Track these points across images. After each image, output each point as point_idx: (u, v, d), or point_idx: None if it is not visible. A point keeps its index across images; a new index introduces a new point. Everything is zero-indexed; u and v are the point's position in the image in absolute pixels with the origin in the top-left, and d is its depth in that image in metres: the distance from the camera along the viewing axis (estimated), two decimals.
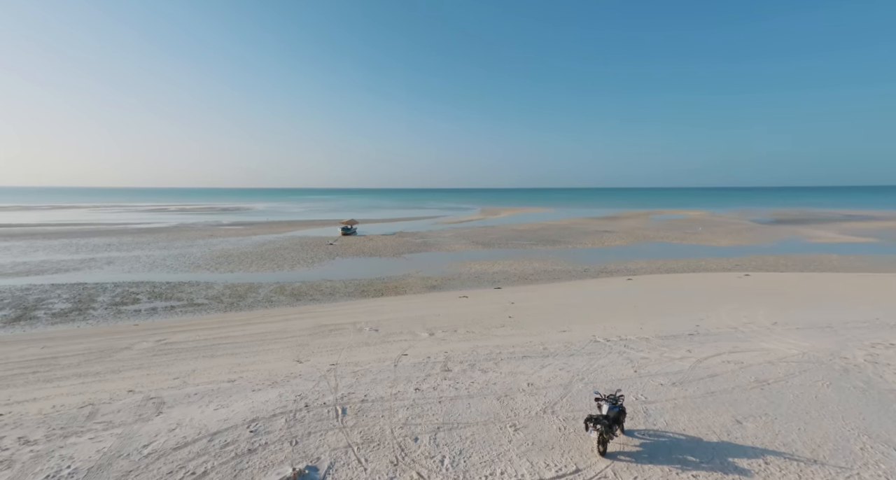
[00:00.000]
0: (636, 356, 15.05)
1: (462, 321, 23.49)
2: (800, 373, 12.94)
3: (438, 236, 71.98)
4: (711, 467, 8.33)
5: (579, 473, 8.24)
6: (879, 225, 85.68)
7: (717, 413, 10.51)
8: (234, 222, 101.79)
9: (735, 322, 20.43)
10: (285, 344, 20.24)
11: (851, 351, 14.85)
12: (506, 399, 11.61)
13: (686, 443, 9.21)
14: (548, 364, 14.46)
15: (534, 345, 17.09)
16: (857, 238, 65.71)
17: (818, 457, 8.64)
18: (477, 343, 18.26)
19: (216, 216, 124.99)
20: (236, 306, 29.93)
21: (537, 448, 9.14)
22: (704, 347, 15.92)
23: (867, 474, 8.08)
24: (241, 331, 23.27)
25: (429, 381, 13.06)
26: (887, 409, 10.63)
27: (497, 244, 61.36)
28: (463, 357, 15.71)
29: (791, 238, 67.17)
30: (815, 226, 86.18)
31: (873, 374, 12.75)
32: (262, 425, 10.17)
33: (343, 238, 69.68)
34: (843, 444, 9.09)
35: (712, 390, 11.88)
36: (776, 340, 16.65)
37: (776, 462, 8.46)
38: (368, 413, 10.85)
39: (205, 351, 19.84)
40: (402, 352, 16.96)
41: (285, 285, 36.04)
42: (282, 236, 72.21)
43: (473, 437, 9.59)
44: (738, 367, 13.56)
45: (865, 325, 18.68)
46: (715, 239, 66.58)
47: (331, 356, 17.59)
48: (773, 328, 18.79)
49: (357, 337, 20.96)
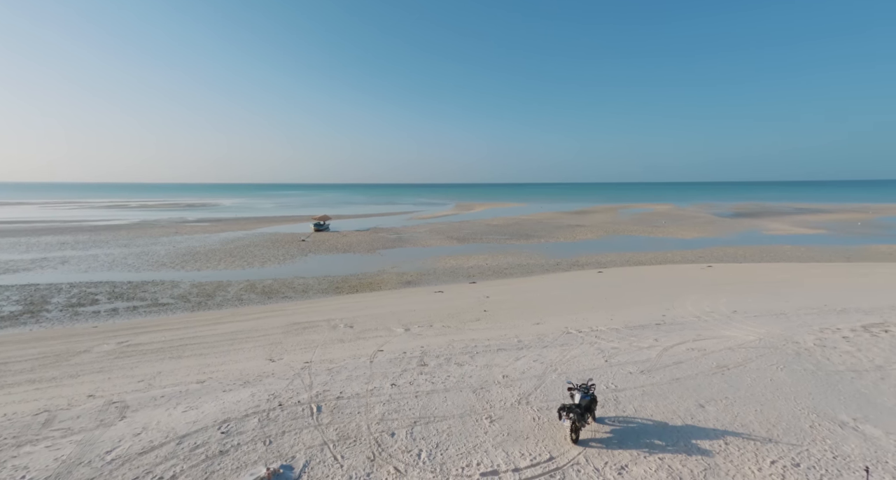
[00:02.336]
0: (607, 346, 15.54)
1: (438, 316, 23.56)
2: (757, 358, 13.70)
3: (413, 231, 71.72)
4: (676, 449, 8.73)
5: (553, 461, 8.47)
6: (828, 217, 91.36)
7: (681, 399, 11.01)
8: (200, 219, 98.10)
9: (698, 311, 21.37)
10: (257, 343, 19.77)
11: (802, 336, 15.83)
12: (481, 391, 11.76)
13: (653, 428, 9.62)
14: (522, 356, 14.73)
15: (508, 338, 17.35)
16: (809, 230, 69.86)
17: (773, 436, 9.20)
18: (453, 337, 18.38)
19: (181, 212, 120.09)
20: (204, 305, 28.94)
21: (512, 438, 9.33)
22: (670, 336, 16.60)
23: (815, 449, 8.67)
24: (211, 331, 22.55)
25: (405, 376, 13.07)
26: (833, 389, 11.42)
27: (472, 239, 61.73)
28: (439, 351, 15.78)
29: (749, 230, 70.70)
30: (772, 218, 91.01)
31: (821, 357, 13.65)
32: (234, 425, 9.92)
33: (316, 234, 68.38)
34: (794, 423, 9.71)
35: (677, 376, 12.42)
36: (736, 328, 17.54)
37: (735, 442, 8.95)
38: (344, 409, 10.77)
39: (171, 352, 19.12)
40: (377, 348, 16.87)
41: (256, 283, 35.11)
42: (251, 233, 70.19)
43: (450, 430, 9.69)
44: (701, 354, 14.23)
45: (815, 312, 19.93)
46: (680, 232, 69.28)
47: (305, 354, 17.31)
48: (733, 316, 19.77)
49: (332, 334, 20.70)
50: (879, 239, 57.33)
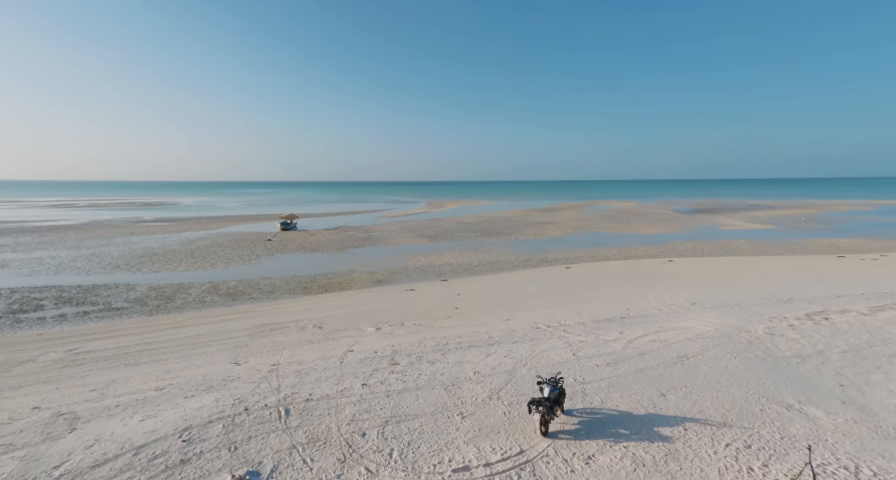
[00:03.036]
0: (575, 340, 15.95)
1: (409, 314, 23.47)
2: (713, 347, 14.43)
3: (384, 230, 71.05)
4: (640, 437, 9.08)
5: (523, 454, 8.62)
6: (776, 213, 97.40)
7: (644, 389, 11.45)
8: (158, 218, 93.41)
9: (660, 304, 22.29)
10: (221, 347, 19.05)
11: (754, 325, 16.81)
12: (453, 388, 11.81)
13: (618, 418, 9.96)
14: (493, 352, 14.90)
15: (479, 334, 17.51)
16: (760, 225, 74.21)
17: (727, 420, 9.73)
18: (424, 335, 18.36)
19: (137, 211, 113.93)
20: (164, 309, 27.61)
21: (484, 433, 9.42)
22: (634, 328, 17.23)
23: (765, 431, 9.24)
24: (171, 335, 21.54)
25: (376, 376, 12.95)
26: (780, 374, 12.20)
27: (443, 237, 61.81)
28: (410, 349, 15.73)
29: (707, 226, 74.36)
30: (727, 215, 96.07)
31: (770, 344, 14.55)
32: (197, 433, 9.53)
33: (282, 233, 66.57)
34: (746, 407, 10.30)
35: (641, 367, 12.91)
36: (694, 319, 18.42)
37: (694, 428, 9.40)
38: (314, 412, 10.55)
39: (127, 358, 18.13)
40: (348, 348, 16.63)
41: (219, 284, 33.80)
42: (214, 232, 67.49)
43: (422, 428, 9.68)
44: (663, 345, 14.84)
45: (765, 302, 21.20)
46: (643, 228, 71.99)
47: (272, 356, 16.84)
48: (692, 308, 20.74)
49: (300, 335, 20.23)
50: (820, 233, 61.64)
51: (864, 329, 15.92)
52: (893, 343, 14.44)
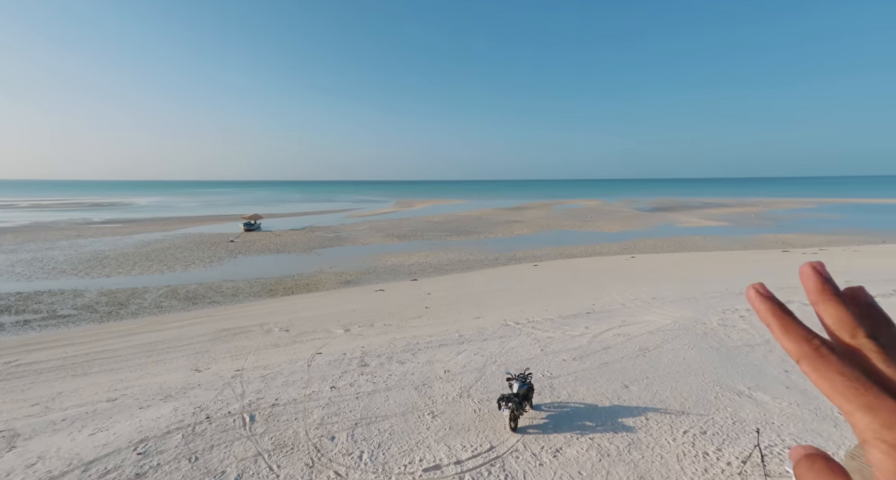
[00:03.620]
0: (542, 336, 16.29)
1: (379, 314, 23.24)
2: (672, 340, 15.13)
3: (352, 230, 69.95)
4: (605, 428, 9.40)
5: (493, 450, 8.74)
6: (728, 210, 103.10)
7: (609, 381, 11.86)
8: (108, 219, 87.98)
9: (623, 299, 23.12)
10: (181, 353, 18.20)
11: (709, 317, 17.74)
12: (423, 387, 11.81)
13: (585, 410, 10.27)
14: (463, 350, 15.00)
15: (450, 333, 17.58)
16: (713, 222, 78.30)
17: (685, 408, 10.22)
18: (394, 335, 18.24)
19: (85, 212, 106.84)
20: (116, 315, 26.04)
21: (454, 431, 9.48)
22: (599, 323, 17.80)
23: (718, 417, 9.78)
24: (124, 343, 20.37)
25: (345, 378, 12.75)
26: (733, 362, 12.94)
27: (412, 236, 61.53)
28: (380, 350, 15.59)
29: (666, 223, 77.71)
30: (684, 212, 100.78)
31: (724, 335, 15.41)
32: (153, 444, 9.07)
33: (246, 234, 64.27)
34: (702, 395, 10.87)
35: (606, 361, 13.36)
36: (655, 313, 19.23)
37: (655, 417, 9.83)
38: (280, 417, 10.28)
39: (75, 369, 17.00)
40: (316, 351, 16.28)
41: (178, 288, 32.23)
42: (172, 234, 64.30)
43: (392, 429, 9.62)
44: (626, 339, 15.42)
45: (718, 295, 22.41)
46: (607, 226, 74.38)
47: (235, 361, 16.24)
48: (653, 302, 21.64)
49: (265, 338, 19.62)
50: (768, 229, 65.74)
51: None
52: None
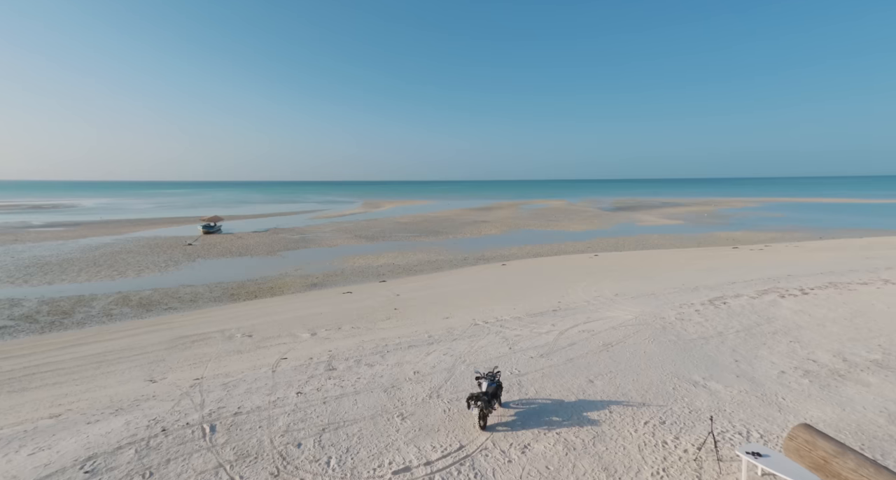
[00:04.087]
0: (511, 334, 16.53)
1: (347, 317, 22.84)
2: (634, 334, 15.72)
3: (318, 231, 68.41)
4: (571, 423, 9.64)
5: (462, 449, 8.77)
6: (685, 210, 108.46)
7: (575, 377, 12.18)
8: (49, 223, 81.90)
9: (588, 296, 23.81)
10: (133, 363, 17.18)
11: (667, 311, 18.57)
12: (393, 390, 11.70)
13: (551, 406, 10.49)
14: (433, 350, 14.98)
15: (419, 334, 17.51)
16: (670, 221, 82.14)
17: (646, 400, 10.65)
18: (363, 338, 17.98)
19: (22, 215, 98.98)
20: (59, 325, 24.24)
21: (424, 432, 9.44)
22: (565, 320, 18.25)
23: (676, 407, 10.25)
24: (69, 354, 19.00)
25: (312, 383, 12.45)
26: (689, 354, 13.60)
27: (380, 237, 60.91)
28: (348, 353, 15.33)
29: (627, 223, 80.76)
30: (644, 211, 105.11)
31: (680, 329, 16.17)
32: (103, 461, 8.51)
33: (205, 237, 61.53)
34: (661, 387, 11.35)
35: (571, 357, 13.71)
36: (617, 309, 19.93)
37: (618, 410, 10.18)
38: (243, 426, 9.90)
39: (11, 384, 15.69)
40: (281, 356, 15.80)
41: (130, 294, 30.42)
42: (123, 237, 60.64)
43: (361, 433, 9.48)
44: (591, 335, 15.89)
45: (675, 291, 23.50)
46: (571, 225, 76.46)
47: (194, 370, 15.51)
48: (615, 299, 22.42)
49: (227, 345, 18.85)
50: (720, 227, 69.63)
51: (752, 310, 18.25)
52: (775, 321, 16.72)
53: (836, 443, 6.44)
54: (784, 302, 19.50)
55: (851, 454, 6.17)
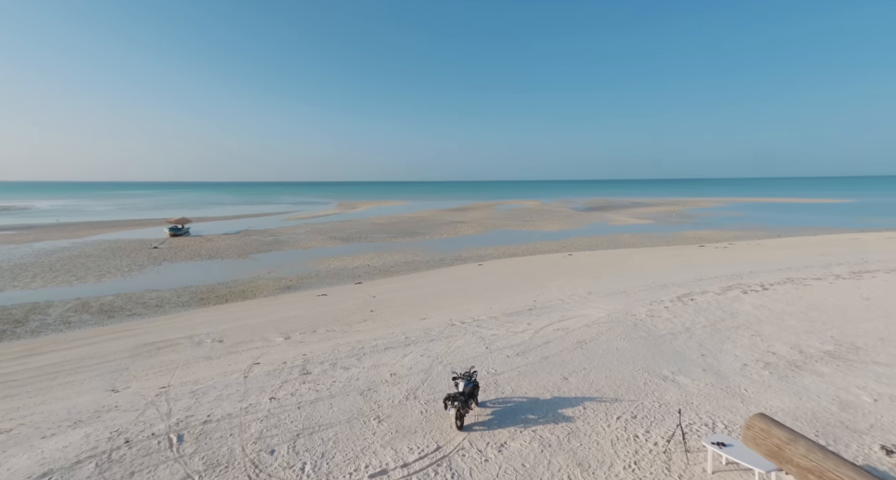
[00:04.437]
0: (487, 334, 16.64)
1: (322, 320, 22.46)
2: (606, 332, 16.10)
3: (292, 233, 66.97)
4: (546, 420, 9.78)
5: (440, 450, 8.76)
6: (653, 209, 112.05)
7: (550, 375, 12.37)
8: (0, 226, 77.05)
9: (562, 294, 24.24)
10: (94, 373, 16.36)
11: (637, 309, 19.12)
12: (369, 392, 11.58)
13: (527, 404, 10.61)
14: (409, 352, 14.91)
15: (396, 336, 17.40)
16: (641, 220, 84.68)
17: (618, 396, 10.92)
18: (338, 341, 17.72)
19: None
20: (11, 334, 22.81)
21: (401, 434, 9.38)
22: (540, 319, 18.51)
23: (647, 402, 10.56)
24: (21, 366, 17.91)
25: (286, 388, 12.18)
26: (659, 350, 14.05)
27: (356, 238, 60.19)
28: (323, 357, 15.07)
29: (599, 222, 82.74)
30: (615, 211, 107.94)
31: (651, 325, 16.68)
32: (59, 477, 8.06)
33: (172, 240, 59.25)
34: (633, 382, 11.67)
35: (546, 355, 13.92)
36: (591, 307, 20.37)
37: (591, 406, 10.39)
38: (213, 434, 9.57)
39: None
40: (253, 361, 15.38)
41: (90, 300, 28.93)
42: (82, 241, 57.64)
43: (336, 437, 9.33)
44: (565, 333, 16.17)
45: (646, 288, 24.23)
46: (546, 225, 77.71)
47: (161, 378, 14.90)
48: (589, 297, 22.91)
49: (196, 351, 18.20)
50: (687, 226, 72.28)
51: (718, 306, 19.03)
52: (738, 316, 17.47)
53: (788, 431, 6.78)
54: (746, 297, 20.40)
55: (802, 440, 6.52)
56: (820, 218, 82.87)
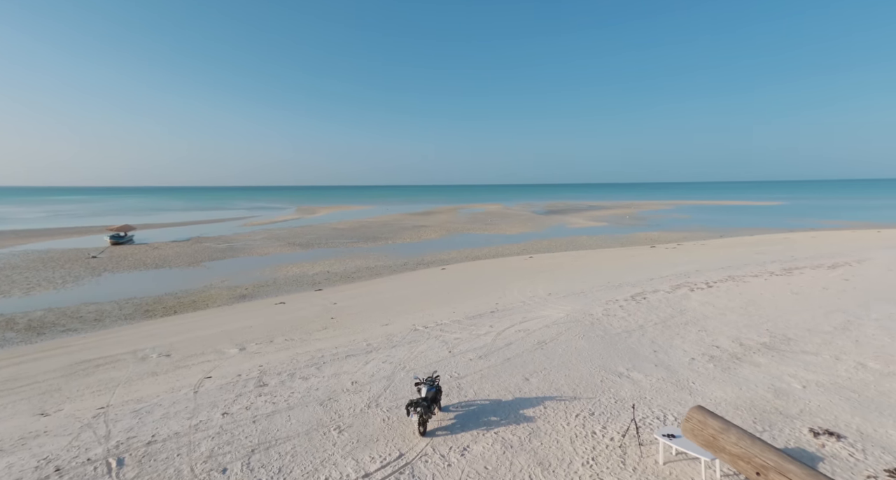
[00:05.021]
0: (450, 337, 16.65)
1: (280, 329, 21.65)
2: (566, 332, 16.55)
3: (248, 239, 64.25)
4: (508, 421, 9.89)
5: (402, 457, 8.63)
6: (608, 212, 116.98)
7: (512, 376, 12.53)
8: None
9: (524, 296, 24.71)
10: (19, 396, 14.87)
11: (594, 308, 19.81)
12: (329, 402, 11.26)
13: (490, 407, 10.69)
14: (371, 359, 14.65)
15: (357, 343, 17.05)
16: (597, 223, 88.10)
17: (577, 394, 11.23)
18: (297, 350, 17.12)
19: None
20: None
21: (362, 444, 9.17)
22: (502, 321, 18.76)
23: (604, 398, 10.93)
24: None
25: (240, 401, 11.61)
26: (614, 348, 14.60)
27: (316, 244, 58.61)
28: (281, 367, 14.51)
29: (558, 225, 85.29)
30: (573, 214, 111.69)
31: (607, 324, 17.32)
32: None
33: (114, 248, 55.19)
34: (591, 380, 12.05)
35: (508, 357, 14.11)
36: (551, 307, 20.88)
37: (552, 405, 10.62)
38: (158, 456, 8.95)
39: None
40: (204, 375, 14.55)
41: (15, 317, 26.34)
42: (6, 252, 52.50)
43: (294, 451, 8.98)
44: (526, 334, 16.47)
45: (602, 288, 25.17)
46: (508, 228, 79.12)
47: (99, 398, 13.77)
48: (549, 298, 23.49)
49: (140, 367, 17.00)
50: (639, 228, 75.94)
51: (668, 304, 20.06)
52: (686, 313, 18.50)
53: (722, 421, 7.23)
54: (693, 295, 21.66)
55: (734, 429, 6.98)
56: (757, 219, 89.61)
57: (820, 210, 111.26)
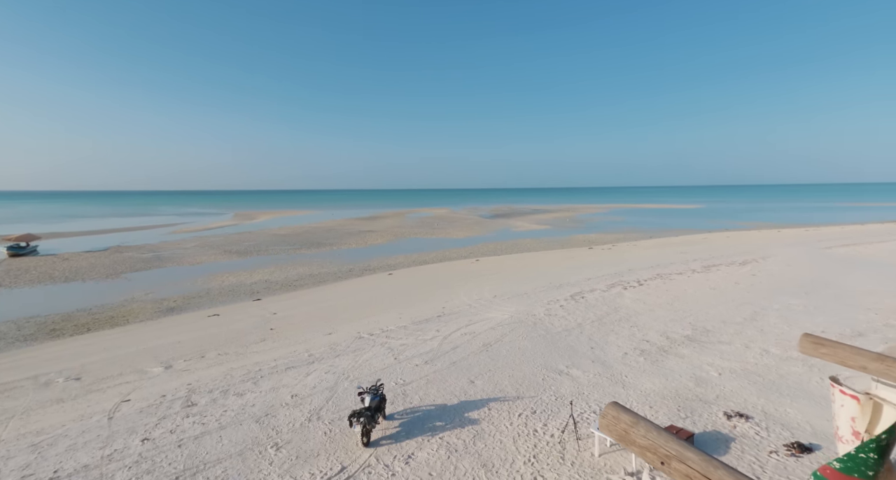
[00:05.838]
0: (396, 344, 16.41)
1: (213, 343, 20.16)
2: (510, 333, 16.94)
3: (177, 247, 59.45)
4: (453, 426, 9.89)
5: (344, 470, 8.33)
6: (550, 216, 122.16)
7: (457, 379, 12.58)
8: None
9: (470, 299, 25.00)
10: None
11: (537, 308, 20.49)
12: (266, 418, 10.63)
13: (435, 412, 10.64)
14: (313, 370, 14.07)
15: (298, 354, 16.30)
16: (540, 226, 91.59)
17: (520, 393, 11.50)
18: (231, 365, 16.03)
19: None
20: None
21: (302, 460, 8.74)
22: (449, 325, 18.83)
23: (545, 396, 11.28)
24: None
25: (164, 425, 10.63)
26: (555, 346, 15.17)
27: (255, 251, 55.51)
28: (213, 384, 13.51)
29: (504, 228, 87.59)
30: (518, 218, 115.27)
31: (548, 323, 17.97)
32: None
33: (12, 261, 48.69)
34: (533, 379, 12.40)
35: (454, 360, 14.16)
36: (496, 309, 21.29)
37: (496, 406, 10.78)
38: None
39: None
40: (122, 399, 13.17)
41: None
42: None
43: (226, 474, 8.36)
44: (472, 337, 16.65)
45: (544, 289, 26.13)
46: (455, 232, 79.96)
47: None
48: (494, 300, 23.95)
49: (41, 394, 15.03)
50: (579, 230, 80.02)
51: (604, 302, 21.23)
52: (620, 311, 19.68)
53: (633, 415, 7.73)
54: (626, 293, 23.09)
55: (643, 422, 7.49)
56: (681, 221, 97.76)
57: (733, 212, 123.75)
